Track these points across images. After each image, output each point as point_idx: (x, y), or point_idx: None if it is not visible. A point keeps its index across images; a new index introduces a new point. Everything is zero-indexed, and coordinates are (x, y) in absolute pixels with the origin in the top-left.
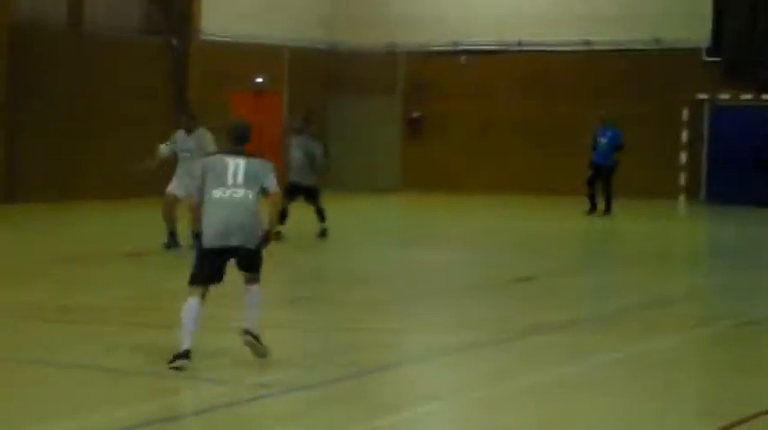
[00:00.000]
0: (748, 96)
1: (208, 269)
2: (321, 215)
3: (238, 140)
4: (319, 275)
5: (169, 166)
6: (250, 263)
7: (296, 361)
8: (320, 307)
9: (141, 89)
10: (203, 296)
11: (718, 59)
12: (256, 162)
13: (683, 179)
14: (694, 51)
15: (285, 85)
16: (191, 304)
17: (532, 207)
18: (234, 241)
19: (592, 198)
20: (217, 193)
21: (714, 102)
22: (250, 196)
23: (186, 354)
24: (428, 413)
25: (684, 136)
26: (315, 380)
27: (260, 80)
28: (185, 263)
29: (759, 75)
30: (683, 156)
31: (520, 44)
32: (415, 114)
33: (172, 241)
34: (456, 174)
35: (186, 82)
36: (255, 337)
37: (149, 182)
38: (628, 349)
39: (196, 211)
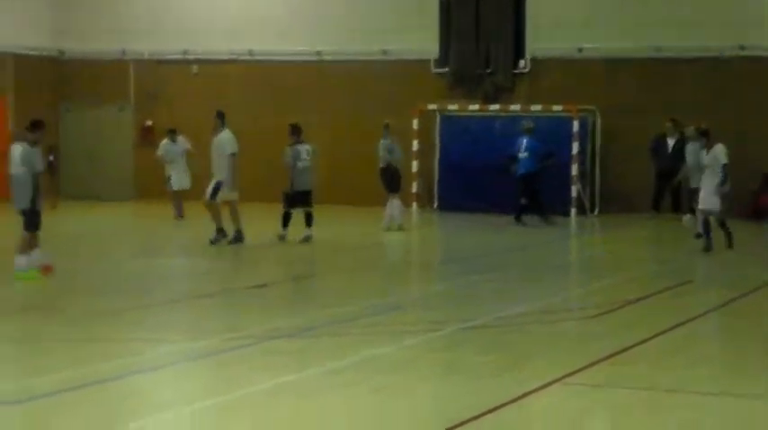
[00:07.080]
0: (475, 107)
1: None
2: (310, 220)
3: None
4: (53, 285)
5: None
6: None
7: (32, 371)
8: (56, 317)
9: None
10: None
11: (446, 71)
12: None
13: (414, 187)
14: (423, 63)
15: (11, 93)
16: None
17: (263, 215)
18: None
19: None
20: None
21: (443, 111)
22: None
23: None
24: (161, 422)
25: (415, 145)
26: (50, 389)
27: None
28: None
29: (484, 85)
30: (415, 165)
31: (251, 53)
32: (147, 123)
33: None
34: None
35: None
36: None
37: None
38: (361, 353)
39: None
